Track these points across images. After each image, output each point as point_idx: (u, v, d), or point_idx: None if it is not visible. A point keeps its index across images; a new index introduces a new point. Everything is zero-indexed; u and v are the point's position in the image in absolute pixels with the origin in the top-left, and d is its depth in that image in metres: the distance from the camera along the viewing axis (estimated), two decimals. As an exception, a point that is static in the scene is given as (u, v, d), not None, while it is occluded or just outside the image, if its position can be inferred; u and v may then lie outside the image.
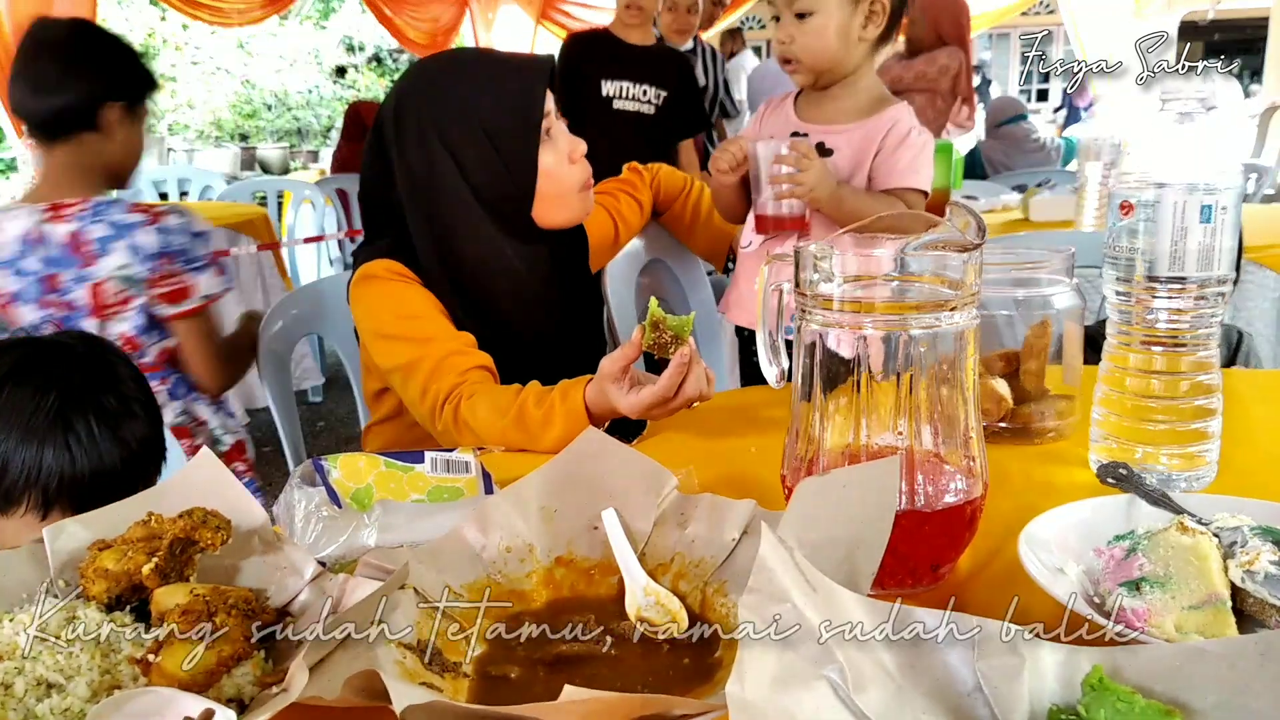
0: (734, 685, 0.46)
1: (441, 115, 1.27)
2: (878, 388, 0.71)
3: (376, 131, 1.32)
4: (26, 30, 1.73)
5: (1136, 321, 0.86)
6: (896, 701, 0.49)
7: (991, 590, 0.73)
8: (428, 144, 1.27)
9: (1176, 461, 0.86)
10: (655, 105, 3.15)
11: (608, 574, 0.74)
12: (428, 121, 1.27)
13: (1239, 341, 1.72)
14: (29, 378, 1.05)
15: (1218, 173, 0.80)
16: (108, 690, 0.58)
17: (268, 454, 3.57)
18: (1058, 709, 0.49)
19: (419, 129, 1.28)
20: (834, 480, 0.65)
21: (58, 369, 1.08)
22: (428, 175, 1.28)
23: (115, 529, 0.69)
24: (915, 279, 0.72)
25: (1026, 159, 4.60)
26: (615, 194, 1.64)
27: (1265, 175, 4.33)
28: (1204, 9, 7.52)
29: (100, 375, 1.10)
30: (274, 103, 11.68)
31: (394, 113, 1.30)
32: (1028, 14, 10.16)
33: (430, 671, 0.61)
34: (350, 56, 12.52)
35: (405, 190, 1.29)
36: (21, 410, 1.03)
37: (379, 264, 1.29)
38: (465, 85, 1.29)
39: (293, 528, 0.78)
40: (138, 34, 10.51)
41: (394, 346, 1.26)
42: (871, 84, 1.56)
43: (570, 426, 1.07)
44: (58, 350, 1.10)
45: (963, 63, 3.99)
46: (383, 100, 1.35)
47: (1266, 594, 0.62)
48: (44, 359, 1.08)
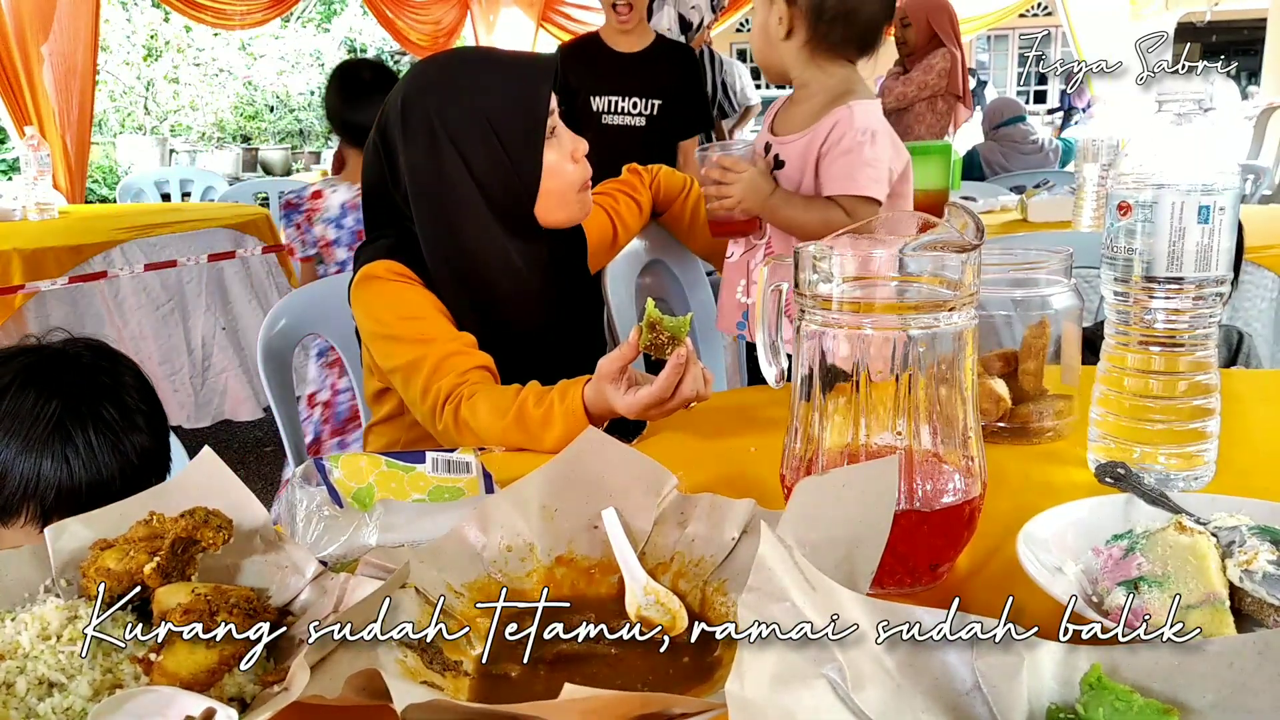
0: (733, 684, 0.46)
1: (448, 113, 1.28)
2: (876, 388, 0.71)
3: (381, 131, 1.32)
4: (343, 65, 2.98)
5: (1134, 322, 0.86)
6: (895, 700, 0.50)
7: (990, 589, 0.73)
8: (436, 142, 1.28)
9: (1174, 461, 0.87)
10: (647, 116, 3.04)
11: (608, 573, 0.74)
12: (435, 119, 1.27)
13: (1239, 342, 1.72)
14: (32, 386, 1.05)
15: (1216, 173, 0.81)
16: (109, 689, 0.58)
17: (268, 454, 3.57)
18: (1056, 708, 0.50)
19: (427, 127, 1.28)
20: (833, 480, 0.65)
21: (62, 377, 1.07)
22: (435, 173, 1.28)
23: (117, 528, 0.69)
24: (914, 279, 0.72)
25: (1025, 160, 4.61)
26: (614, 195, 1.64)
27: (1263, 176, 4.34)
28: (1202, 10, 7.52)
29: (103, 385, 1.09)
30: (276, 104, 11.68)
31: (400, 111, 1.30)
32: (1025, 15, 10.17)
33: (431, 670, 0.61)
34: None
35: (411, 188, 1.29)
36: (22, 419, 1.02)
37: (380, 265, 1.29)
38: (472, 83, 1.30)
39: (294, 527, 0.79)
40: (140, 35, 10.51)
41: (395, 347, 1.26)
42: (821, 89, 1.54)
43: (569, 426, 1.07)
44: (62, 359, 1.10)
45: (955, 60, 4.00)
46: (386, 100, 1.35)
47: (1264, 593, 0.63)
48: (48, 367, 1.08)
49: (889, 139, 1.51)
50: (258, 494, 0.72)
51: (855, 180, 1.47)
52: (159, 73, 10.74)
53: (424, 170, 1.28)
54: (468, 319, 1.30)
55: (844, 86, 1.53)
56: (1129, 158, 0.84)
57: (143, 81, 10.57)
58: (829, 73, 1.53)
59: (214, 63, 11.23)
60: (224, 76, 11.32)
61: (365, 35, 12.12)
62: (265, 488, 3.10)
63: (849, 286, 0.72)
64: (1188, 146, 0.81)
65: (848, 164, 1.48)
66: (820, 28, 1.50)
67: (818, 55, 1.52)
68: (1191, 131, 0.82)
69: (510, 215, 1.31)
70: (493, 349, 1.29)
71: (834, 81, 1.53)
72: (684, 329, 1.03)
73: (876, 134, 1.48)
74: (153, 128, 10.32)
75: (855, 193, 1.48)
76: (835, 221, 1.47)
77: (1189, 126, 0.82)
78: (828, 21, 1.49)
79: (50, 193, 3.65)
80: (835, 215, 1.48)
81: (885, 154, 1.49)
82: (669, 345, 1.03)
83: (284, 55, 11.75)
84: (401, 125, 1.29)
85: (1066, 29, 7.60)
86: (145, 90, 10.56)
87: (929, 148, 2.31)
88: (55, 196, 3.79)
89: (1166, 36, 1.01)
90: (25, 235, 3.12)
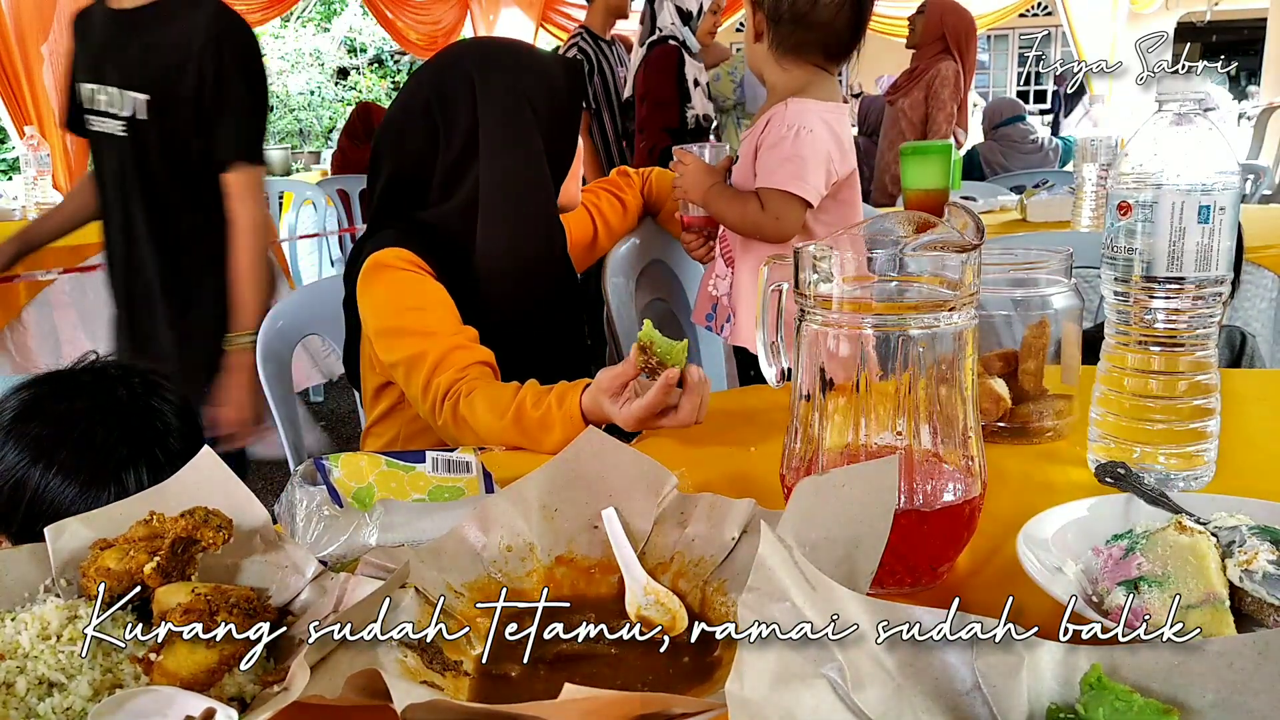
0: (733, 684, 0.47)
1: (525, 80, 1.35)
2: (877, 388, 0.71)
3: (440, 100, 1.34)
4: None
5: (1134, 321, 0.86)
6: (895, 700, 0.50)
7: (990, 589, 0.73)
8: (519, 107, 1.34)
9: (1174, 461, 0.87)
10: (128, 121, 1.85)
11: (608, 573, 0.74)
12: (518, 87, 1.34)
13: (1242, 344, 1.72)
14: (101, 423, 1.05)
15: (1216, 173, 0.81)
16: (109, 689, 0.58)
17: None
18: (1056, 707, 0.50)
19: (512, 96, 1.34)
20: (833, 480, 0.65)
21: (129, 419, 1.07)
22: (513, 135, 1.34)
23: (117, 528, 0.69)
24: (914, 279, 0.72)
25: (1025, 160, 4.61)
26: (597, 193, 1.68)
27: (1263, 176, 4.34)
28: (1201, 10, 7.53)
29: (158, 430, 1.09)
30: (276, 104, 11.69)
31: (469, 82, 1.33)
32: (1025, 15, 10.17)
33: (431, 670, 0.61)
34: (352, 58, 12.52)
35: (486, 154, 1.33)
36: (91, 455, 1.02)
37: (390, 252, 1.29)
38: (532, 60, 1.39)
39: (294, 527, 0.79)
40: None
41: (397, 341, 1.27)
42: (782, 89, 1.57)
43: (566, 431, 1.08)
44: (129, 397, 1.09)
45: (957, 71, 4.02)
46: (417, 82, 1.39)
47: (1264, 593, 0.63)
48: (114, 403, 1.08)
49: (827, 139, 1.51)
50: (258, 494, 0.72)
51: (774, 174, 1.49)
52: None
53: (501, 134, 1.33)
54: (477, 307, 1.31)
55: (798, 86, 1.55)
56: (1129, 158, 0.84)
57: (143, 81, 10.54)
58: (791, 75, 1.56)
59: (214, 62, 11.21)
60: (224, 76, 11.31)
61: (365, 35, 12.12)
62: (265, 488, 3.10)
63: (849, 286, 0.72)
64: (1188, 146, 0.81)
65: (770, 158, 1.51)
66: (781, 30, 1.53)
67: (783, 58, 1.56)
68: (1191, 131, 0.82)
69: (552, 199, 1.40)
70: (495, 340, 1.30)
71: (792, 83, 1.56)
72: (675, 356, 1.03)
73: (802, 130, 1.49)
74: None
75: (774, 186, 1.49)
76: (750, 215, 1.51)
77: (1189, 126, 0.82)
78: (787, 24, 1.52)
79: (50, 193, 3.65)
80: (751, 208, 1.50)
81: (813, 152, 1.50)
82: (661, 368, 1.03)
83: (284, 55, 11.75)
84: (472, 97, 1.32)
85: (1066, 29, 7.60)
86: (145, 90, 10.53)
87: (929, 148, 2.30)
88: (55, 196, 3.79)
89: (1166, 36, 1.01)
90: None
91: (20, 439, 1.03)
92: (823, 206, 1.54)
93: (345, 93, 12.20)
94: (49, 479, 1.01)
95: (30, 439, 1.02)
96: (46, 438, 1.03)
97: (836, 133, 1.53)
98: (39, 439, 1.03)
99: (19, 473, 1.01)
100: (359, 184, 4.81)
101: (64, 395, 1.08)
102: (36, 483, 1.00)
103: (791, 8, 1.51)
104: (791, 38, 1.53)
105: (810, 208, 1.50)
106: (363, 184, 4.81)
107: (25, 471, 1.01)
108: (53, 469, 1.01)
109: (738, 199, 1.52)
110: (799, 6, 1.51)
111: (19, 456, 1.01)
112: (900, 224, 0.74)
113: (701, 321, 1.71)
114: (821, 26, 1.52)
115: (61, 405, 1.06)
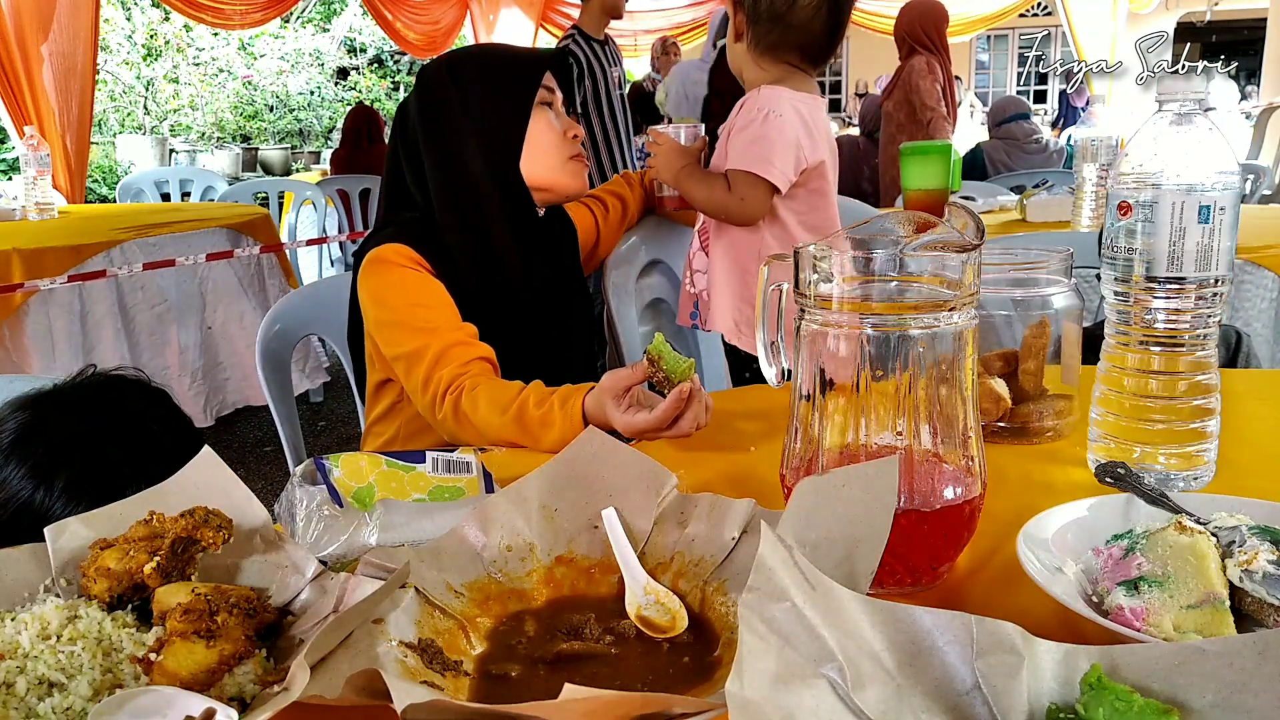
0: (734, 684, 0.46)
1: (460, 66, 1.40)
2: (876, 388, 0.71)
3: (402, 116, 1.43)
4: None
5: (1135, 322, 0.86)
6: (895, 700, 0.50)
7: (990, 589, 0.73)
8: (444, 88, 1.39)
9: (1174, 461, 0.87)
10: None
11: (608, 573, 0.74)
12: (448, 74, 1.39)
13: (1238, 342, 1.72)
14: (113, 443, 1.04)
15: (1216, 173, 0.81)
16: (109, 689, 0.58)
17: (268, 454, 3.57)
18: (1056, 707, 0.50)
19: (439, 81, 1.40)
20: (833, 479, 0.65)
21: (134, 444, 1.06)
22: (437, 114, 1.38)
23: (117, 528, 0.69)
24: (914, 279, 0.72)
25: (1028, 159, 4.61)
26: (600, 195, 1.71)
27: (1263, 176, 4.34)
28: (1202, 10, 7.53)
29: (161, 449, 1.07)
30: (276, 104, 11.68)
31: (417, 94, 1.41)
32: (1025, 15, 10.18)
33: (431, 670, 0.61)
34: (352, 59, 12.52)
35: (421, 132, 1.38)
36: (99, 475, 1.01)
37: (390, 248, 1.32)
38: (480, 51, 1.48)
39: (294, 527, 0.79)
40: (140, 35, 10.49)
41: (399, 334, 1.28)
42: (752, 86, 1.59)
43: (568, 432, 1.08)
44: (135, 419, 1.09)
45: (928, 60, 4.05)
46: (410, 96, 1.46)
47: (1264, 593, 0.63)
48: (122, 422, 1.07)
49: (796, 125, 1.53)
50: (258, 494, 0.72)
51: (741, 156, 1.52)
52: (159, 72, 10.73)
53: (430, 112, 1.38)
54: (474, 302, 1.32)
55: (771, 78, 1.58)
56: (1129, 158, 0.84)
57: (142, 81, 10.56)
58: (768, 73, 1.58)
59: (214, 62, 11.23)
60: (224, 76, 11.31)
61: (365, 35, 12.12)
62: (265, 488, 3.10)
63: (849, 286, 0.72)
64: (1188, 146, 0.81)
65: (738, 140, 1.54)
66: (759, 29, 1.56)
67: (760, 57, 1.59)
68: (1191, 131, 0.82)
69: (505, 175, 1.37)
70: (495, 337, 1.30)
71: (767, 76, 1.58)
72: (682, 372, 1.03)
73: (771, 114, 1.52)
74: (152, 127, 10.31)
75: (740, 168, 1.51)
76: (717, 195, 1.53)
77: (1189, 126, 0.82)
78: (765, 23, 1.55)
79: (50, 193, 3.65)
80: (718, 189, 1.53)
81: (780, 136, 1.51)
82: (667, 384, 1.03)
83: (284, 55, 11.74)
84: (417, 91, 1.40)
85: (1066, 29, 7.60)
86: (145, 90, 10.55)
87: (929, 148, 2.30)
88: (55, 196, 3.79)
89: (1166, 36, 1.01)
90: (25, 235, 3.11)
91: (22, 462, 1.01)
92: (792, 194, 1.56)
93: (345, 93, 12.19)
94: (53, 502, 0.99)
95: (33, 464, 1.01)
96: (49, 460, 1.01)
97: (807, 120, 1.55)
98: (40, 463, 1.01)
99: (23, 497, 1.00)
100: (359, 184, 4.82)
101: (68, 413, 1.07)
102: (40, 504, 0.99)
103: (770, 7, 1.54)
104: (769, 36, 1.55)
105: (778, 192, 1.52)
106: (362, 184, 4.81)
107: (29, 495, 1.00)
108: (55, 492, 1.00)
109: (705, 180, 1.54)
110: (777, 6, 1.54)
111: (21, 481, 1.00)
112: (900, 224, 0.74)
113: (686, 321, 1.72)
114: (799, 28, 1.54)
115: (66, 425, 1.05)
